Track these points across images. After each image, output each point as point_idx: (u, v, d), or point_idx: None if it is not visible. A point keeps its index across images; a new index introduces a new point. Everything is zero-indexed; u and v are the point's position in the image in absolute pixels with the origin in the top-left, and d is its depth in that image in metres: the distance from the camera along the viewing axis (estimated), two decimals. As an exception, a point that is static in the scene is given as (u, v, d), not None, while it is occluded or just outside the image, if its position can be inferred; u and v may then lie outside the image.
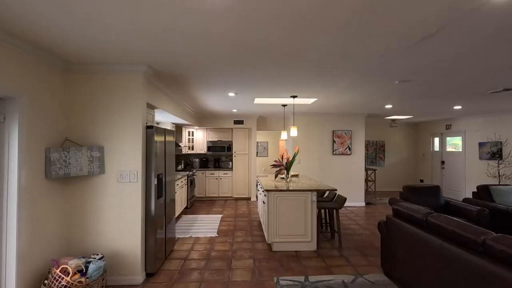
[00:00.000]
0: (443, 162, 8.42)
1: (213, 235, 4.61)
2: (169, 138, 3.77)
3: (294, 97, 4.70)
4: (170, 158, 3.80)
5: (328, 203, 4.30)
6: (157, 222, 3.31)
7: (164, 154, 3.56)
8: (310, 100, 5.27)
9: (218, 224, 5.27)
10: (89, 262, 2.66)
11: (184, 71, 3.24)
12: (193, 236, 4.57)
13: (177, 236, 4.57)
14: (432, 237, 2.41)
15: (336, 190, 3.98)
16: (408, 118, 7.87)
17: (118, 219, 2.98)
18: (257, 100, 5.24)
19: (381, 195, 8.44)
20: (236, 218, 5.72)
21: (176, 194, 5.30)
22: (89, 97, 2.97)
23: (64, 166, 2.71)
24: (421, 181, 9.28)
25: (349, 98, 4.88)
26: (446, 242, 2.24)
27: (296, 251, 3.91)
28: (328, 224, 5.00)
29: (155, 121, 4.60)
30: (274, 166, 4.89)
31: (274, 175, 5.67)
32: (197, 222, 5.38)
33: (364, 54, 2.61)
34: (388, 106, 5.74)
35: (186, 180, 6.38)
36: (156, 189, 3.25)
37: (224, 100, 5.12)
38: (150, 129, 3.16)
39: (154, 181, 3.17)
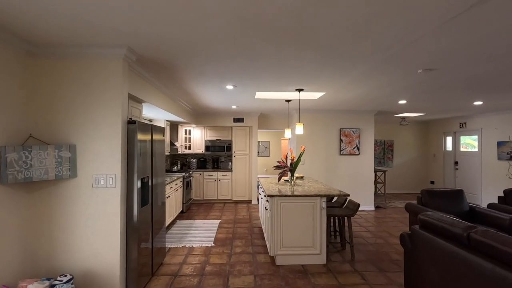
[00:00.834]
0: (456, 163, 7.91)
1: (209, 245, 4.13)
2: (158, 136, 3.29)
3: (299, 90, 4.21)
4: (159, 159, 3.32)
5: (338, 210, 3.81)
6: (142, 234, 2.83)
7: (151, 154, 3.08)
8: (316, 95, 4.77)
9: (215, 231, 4.79)
10: (54, 286, 2.18)
11: (173, 57, 2.76)
12: (186, 245, 4.09)
13: (169, 245, 4.09)
14: (478, 259, 1.91)
15: (348, 195, 3.48)
16: (419, 115, 7.37)
17: (92, 231, 2.50)
18: (259, 95, 4.75)
19: (390, 198, 7.93)
20: (236, 224, 5.24)
21: (169, 199, 4.83)
22: (58, 86, 2.49)
23: (25, 169, 2.24)
24: (432, 182, 8.77)
25: (360, 92, 4.39)
26: (501, 268, 1.75)
27: (303, 265, 3.42)
28: (337, 233, 4.51)
29: (142, 117, 4.11)
30: (277, 167, 4.40)
31: (277, 177, 5.18)
32: (193, 229, 4.90)
33: (389, 33, 2.12)
34: (402, 102, 5.24)
35: (181, 182, 5.90)
36: (140, 194, 2.77)
37: (221, 94, 4.63)
38: (132, 125, 2.68)
39: (137, 186, 2.69)
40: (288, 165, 4.40)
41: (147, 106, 3.92)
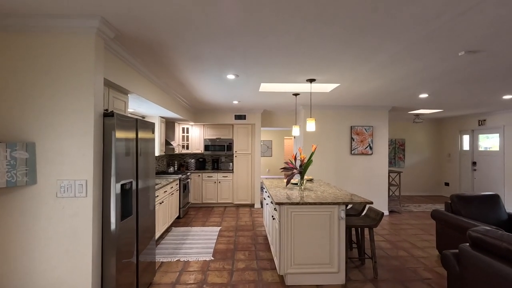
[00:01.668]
0: (474, 163, 7.35)
1: (208, 258, 3.59)
2: (146, 134, 2.75)
3: (311, 81, 3.66)
4: (147, 160, 2.79)
5: (358, 220, 3.27)
6: (123, 252, 2.29)
7: (137, 154, 2.55)
8: (329, 87, 4.23)
9: (214, 240, 4.25)
10: (-1, 329, 1.65)
11: (160, 35, 2.22)
12: (181, 259, 3.55)
13: (161, 259, 3.56)
14: None
15: (371, 202, 2.94)
16: (435, 112, 6.81)
17: (56, 253, 1.96)
18: (263, 87, 4.21)
19: (402, 201, 7.38)
20: (237, 232, 4.70)
21: (163, 204, 4.29)
22: (11, 68, 1.96)
23: (-37, 174, 1.71)
24: (446, 184, 8.21)
25: (379, 84, 3.85)
26: None
27: (317, 286, 2.88)
28: (356, 246, 3.97)
29: (132, 112, 3.57)
30: (284, 169, 3.86)
31: (282, 178, 4.64)
32: (189, 238, 4.36)
33: (431, 2, 1.58)
34: (423, 96, 4.69)
35: (178, 185, 5.37)
36: (121, 204, 2.24)
37: (221, 86, 4.09)
38: (110, 118, 2.14)
39: (116, 193, 2.16)
40: (297, 166, 3.86)
41: (136, 100, 3.39)
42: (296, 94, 4.62)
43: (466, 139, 7.65)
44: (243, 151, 6.75)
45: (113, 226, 2.14)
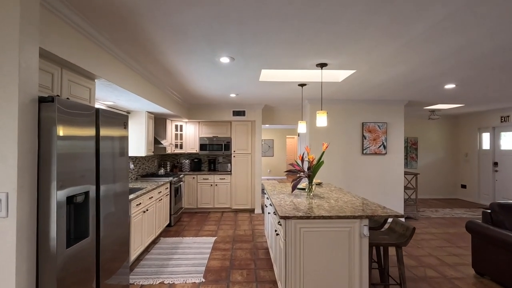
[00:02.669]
0: (495, 164, 6.71)
1: (198, 280, 2.98)
2: (113, 129, 2.14)
3: (322, 66, 3.04)
4: (115, 162, 2.17)
5: (382, 236, 2.65)
6: (71, 285, 1.68)
7: (97, 155, 1.93)
8: (341, 75, 3.61)
9: (207, 255, 3.64)
10: None
11: (121, -12, 1.61)
12: (166, 281, 2.94)
13: (142, 282, 2.94)
14: None
15: (403, 216, 2.31)
16: (453, 108, 6.18)
17: (-36, 299, 1.36)
18: (265, 74, 3.60)
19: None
20: (235, 243, 4.09)
21: (147, 213, 3.68)
22: None
23: None
24: (463, 187, 7.57)
25: (402, 71, 3.22)
26: None
27: (334, 322, 2.26)
28: (377, 265, 3.35)
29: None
30: (289, 172, 3.24)
31: (281, 180, 4.03)
32: (179, 252, 3.75)
33: None
34: (449, 86, 4.05)
35: (168, 189, 4.76)
36: (67, 223, 1.63)
37: (215, 73, 3.47)
38: (48, 104, 1.52)
39: (58, 208, 1.55)
40: (305, 169, 3.24)
41: (108, 88, 2.77)
42: (302, 85, 3.99)
43: (486, 137, 7.00)
44: (242, 151, 6.13)
45: (54, 255, 1.53)
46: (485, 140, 7.02)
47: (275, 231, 2.75)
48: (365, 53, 2.71)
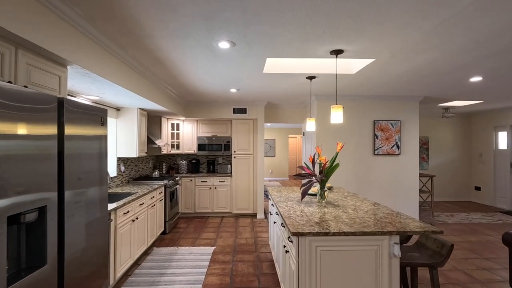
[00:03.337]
0: (513, 165, 6.28)
1: (193, 302, 2.56)
2: (84, 128, 1.72)
3: (337, 53, 2.62)
4: (88, 165, 1.76)
5: (412, 254, 2.23)
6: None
7: (60, 159, 1.51)
8: (355, 67, 3.20)
9: (205, 270, 3.22)
10: None
11: None
12: (155, 304, 2.53)
13: (127, 304, 2.53)
14: None
15: (441, 232, 1.89)
16: (467, 105, 5.75)
17: None
18: (269, 65, 3.18)
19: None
20: (236, 255, 3.67)
21: (136, 222, 3.26)
22: None
23: None
24: (477, 189, 7.14)
25: (428, 59, 2.80)
26: None
27: None
28: None
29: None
30: (298, 176, 2.82)
31: (284, 181, 3.61)
32: (172, 265, 3.33)
33: None
34: (475, 79, 3.63)
35: (162, 194, 4.34)
36: (17, 250, 1.21)
37: (214, 63, 3.05)
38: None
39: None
40: (317, 172, 2.83)
41: (85, 77, 2.35)
42: (311, 78, 3.57)
43: (503, 136, 6.58)
44: (244, 151, 5.72)
45: (-12, 298, 1.11)
46: (502, 139, 6.59)
47: (284, 246, 2.33)
48: (389, 37, 2.29)
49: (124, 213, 2.94)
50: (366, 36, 2.27)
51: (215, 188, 5.64)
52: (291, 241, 2.02)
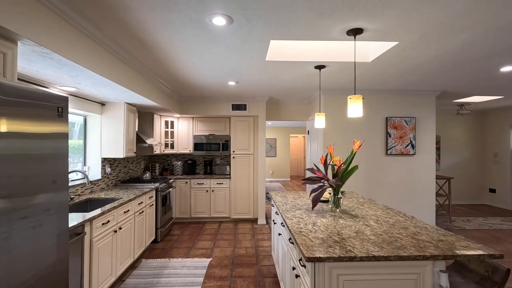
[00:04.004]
0: (533, 166, 5.85)
1: (182, 332, 2.12)
2: (24, 123, 1.28)
3: (356, 34, 2.18)
4: (33, 169, 1.32)
5: (454, 279, 1.79)
6: None
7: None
8: (373, 52, 2.76)
9: (199, 287, 2.79)
10: None
11: None
12: (137, 336, 2.09)
13: (103, 336, 2.09)
14: None
15: (501, 256, 1.46)
16: (483, 101, 5.32)
17: None
18: (273, 52, 2.75)
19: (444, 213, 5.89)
20: (234, 268, 3.24)
21: (120, 233, 2.82)
22: None
23: None
24: (492, 191, 6.71)
25: (465, 40, 2.36)
26: None
27: None
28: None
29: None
30: (308, 180, 2.39)
31: (285, 182, 3.18)
32: (161, 283, 2.89)
33: None
34: (507, 69, 3.20)
35: (153, 199, 3.90)
36: None
37: (207, 46, 2.61)
38: None
39: None
40: (329, 176, 2.39)
41: (46, 59, 1.91)
42: (320, 67, 3.13)
43: (521, 135, 6.15)
44: (243, 151, 5.28)
45: None
46: (520, 138, 6.16)
47: (293, 268, 1.89)
48: (418, 12, 1.85)
49: (104, 224, 2.50)
50: (392, 8, 1.83)
51: (213, 191, 5.21)
52: (304, 266, 1.59)
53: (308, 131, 5.50)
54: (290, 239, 2.01)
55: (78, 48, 1.98)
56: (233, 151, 5.26)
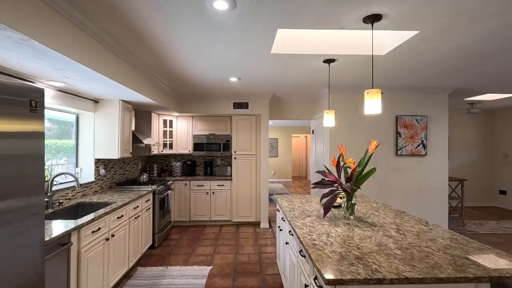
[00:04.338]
0: (547, 166, 5.62)
1: None
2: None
3: (373, 21, 1.95)
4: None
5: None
6: None
7: None
8: (390, 43, 2.53)
9: (198, 301, 2.56)
10: None
11: None
12: None
13: None
14: None
15: (558, 278, 1.24)
16: (496, 99, 5.09)
17: None
18: (279, 44, 2.52)
19: (455, 217, 5.66)
20: (237, 278, 3.01)
21: (113, 241, 2.60)
22: None
23: None
24: (502, 193, 6.48)
25: (493, 27, 2.14)
26: None
27: None
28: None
29: (55, 84, 1.79)
30: (319, 185, 2.16)
31: (287, 183, 2.95)
32: (158, 294, 2.67)
33: None
34: (529, 63, 2.97)
35: (149, 202, 3.68)
36: None
37: (207, 37, 2.38)
38: None
39: None
40: (342, 180, 2.17)
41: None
42: (329, 61, 2.91)
43: (533, 134, 5.92)
44: (245, 151, 5.05)
45: None
46: (532, 138, 5.93)
47: (305, 286, 1.67)
48: (451, -7, 1.63)
49: (94, 232, 2.28)
50: (421, -10, 1.60)
51: (213, 193, 4.98)
52: (320, 286, 1.36)
53: (313, 130, 5.27)
54: (301, 251, 1.78)
55: (62, 36, 1.76)
56: (235, 152, 5.03)
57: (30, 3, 1.50)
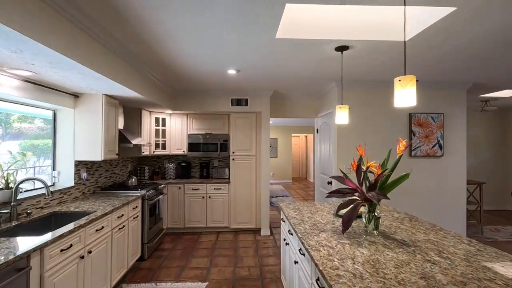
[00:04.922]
0: None
1: None
2: None
3: (404, -9, 1.57)
4: None
5: None
6: None
7: None
8: (414, 27, 2.16)
9: (190, 329, 2.17)
10: None
11: None
12: None
13: None
14: None
15: None
16: (509, 97, 4.76)
17: None
18: (285, 26, 2.13)
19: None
20: (236, 297, 2.62)
21: (89, 258, 2.20)
22: None
23: None
24: (516, 195, 6.13)
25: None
26: None
27: None
28: None
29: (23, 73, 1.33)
30: (337, 194, 1.78)
31: (287, 184, 2.57)
32: (143, 320, 2.27)
33: None
34: None
35: (138, 209, 3.28)
36: None
37: (202, 17, 1.99)
38: None
39: None
40: (363, 188, 1.79)
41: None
42: (342, 48, 2.52)
43: (550, 134, 5.58)
44: (244, 152, 4.66)
45: None
46: (549, 137, 5.59)
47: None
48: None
49: (63, 250, 1.88)
50: None
51: (209, 197, 4.58)
52: None
53: (317, 129, 4.90)
54: (318, 280, 1.40)
55: (17, 7, 1.36)
56: (233, 152, 4.64)
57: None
